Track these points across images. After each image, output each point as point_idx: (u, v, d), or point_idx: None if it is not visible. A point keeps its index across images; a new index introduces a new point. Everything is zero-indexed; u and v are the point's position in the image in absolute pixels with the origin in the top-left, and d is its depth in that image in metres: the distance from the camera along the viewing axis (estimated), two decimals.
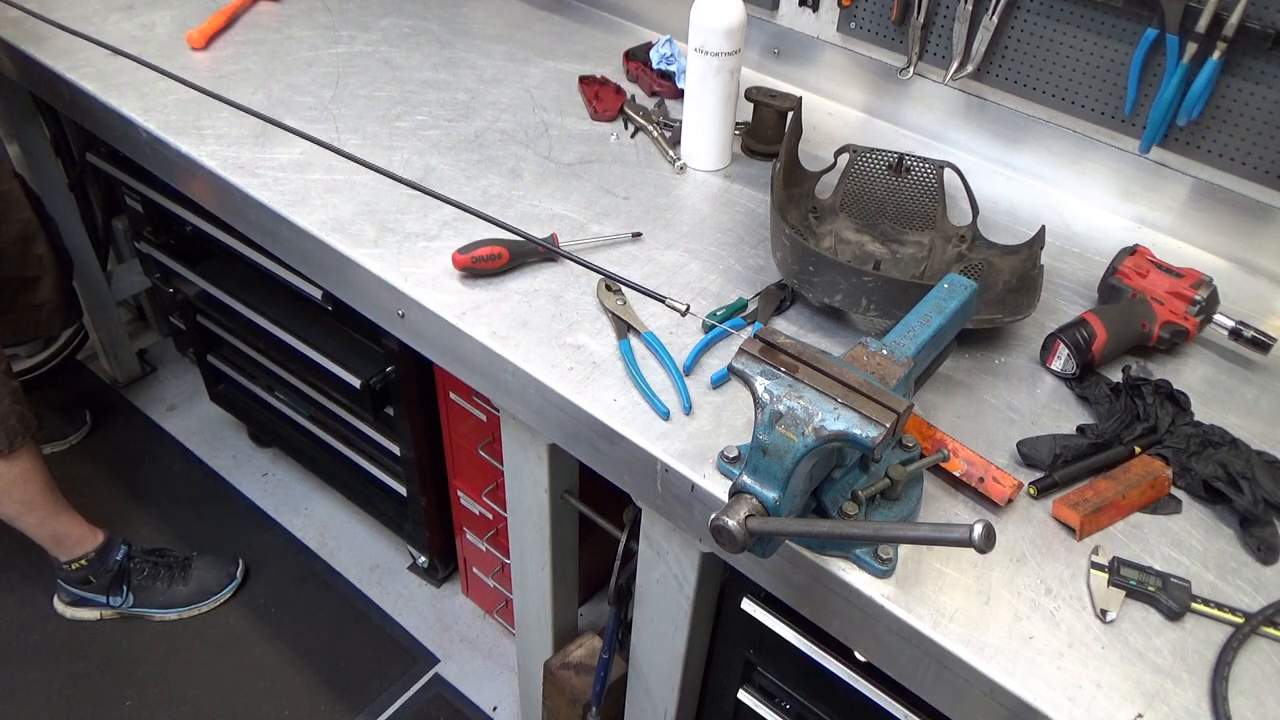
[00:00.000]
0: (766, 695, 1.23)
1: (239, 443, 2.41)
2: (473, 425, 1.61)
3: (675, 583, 1.17)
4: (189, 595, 2.01)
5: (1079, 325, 1.13)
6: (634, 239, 1.30)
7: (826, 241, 1.34)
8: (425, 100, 1.56)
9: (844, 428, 0.79)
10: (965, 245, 1.31)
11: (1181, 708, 0.83)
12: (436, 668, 1.98)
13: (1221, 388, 1.16)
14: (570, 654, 1.58)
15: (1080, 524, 0.95)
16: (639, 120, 1.53)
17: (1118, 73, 1.34)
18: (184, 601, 2.01)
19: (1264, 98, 1.24)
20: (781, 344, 0.86)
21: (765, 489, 0.82)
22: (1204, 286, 1.17)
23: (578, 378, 1.09)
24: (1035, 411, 1.10)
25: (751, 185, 1.44)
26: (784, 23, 1.64)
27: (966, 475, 0.98)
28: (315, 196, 1.33)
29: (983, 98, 1.48)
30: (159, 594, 2.00)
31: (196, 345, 2.13)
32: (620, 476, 1.09)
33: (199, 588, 2.02)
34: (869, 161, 1.38)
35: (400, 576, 2.13)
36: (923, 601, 0.89)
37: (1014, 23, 1.40)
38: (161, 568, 2.00)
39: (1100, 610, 0.89)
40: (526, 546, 1.45)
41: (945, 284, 1.02)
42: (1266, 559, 0.96)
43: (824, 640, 1.06)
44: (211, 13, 1.71)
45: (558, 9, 1.89)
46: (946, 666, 0.87)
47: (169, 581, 2.00)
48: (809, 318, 1.21)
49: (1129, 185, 1.40)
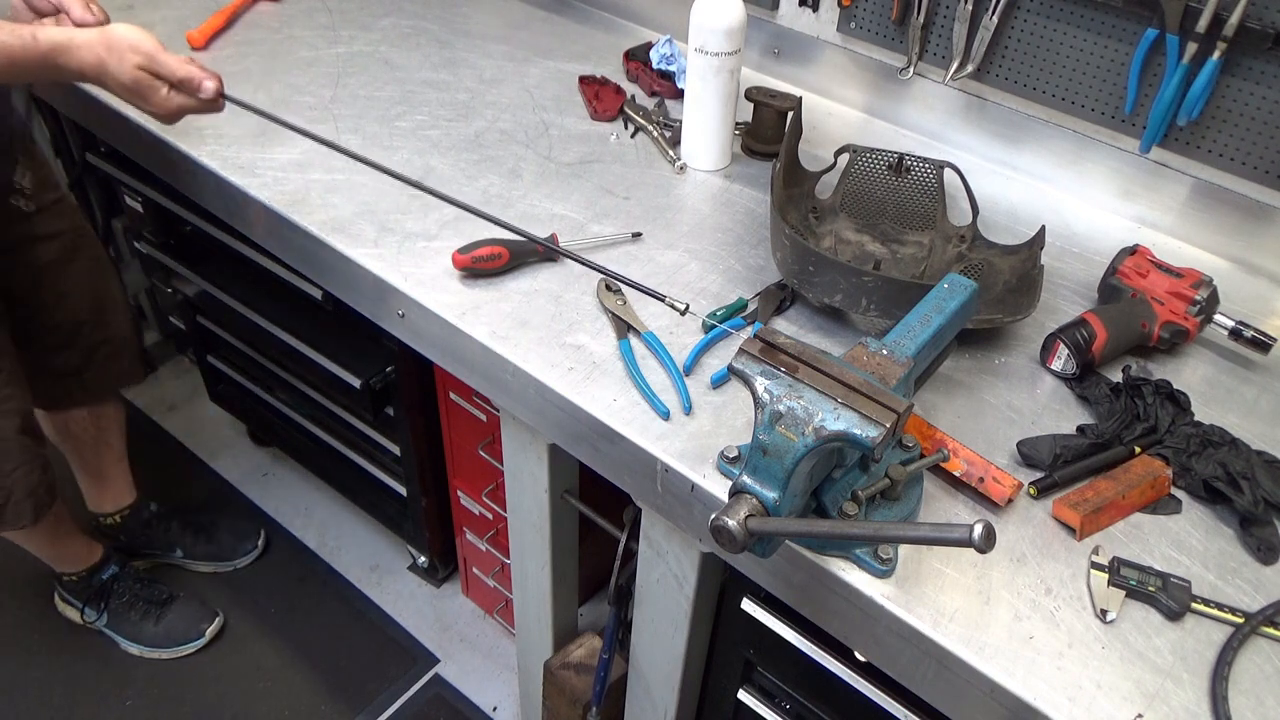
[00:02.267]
0: (766, 695, 1.23)
1: (239, 443, 2.40)
2: (473, 425, 1.61)
3: (675, 583, 1.17)
4: (154, 637, 1.95)
5: (1079, 325, 1.13)
6: (634, 239, 1.30)
7: (826, 241, 1.34)
8: (425, 100, 1.56)
9: (844, 428, 0.79)
10: (965, 245, 1.31)
11: (1181, 708, 0.83)
12: (436, 668, 1.98)
13: (1221, 388, 1.16)
14: (570, 654, 1.57)
15: (1080, 524, 0.95)
16: (639, 120, 1.53)
17: (1118, 73, 1.34)
18: (148, 641, 1.95)
19: (1264, 98, 1.24)
20: (781, 344, 0.86)
21: (765, 489, 0.82)
22: (1204, 286, 1.17)
23: (578, 378, 1.09)
24: (1035, 411, 1.10)
25: (751, 185, 1.44)
26: (784, 23, 1.64)
27: (966, 475, 0.98)
28: (315, 196, 1.33)
29: (983, 98, 1.48)
30: (129, 624, 1.96)
31: (196, 345, 2.13)
32: (620, 476, 1.09)
33: (166, 633, 1.96)
34: (869, 161, 1.38)
35: (400, 576, 2.13)
36: (923, 601, 0.89)
37: (1014, 23, 1.40)
38: (140, 599, 1.96)
39: (1100, 610, 0.89)
40: (526, 546, 1.44)
41: (945, 284, 1.02)
42: (1266, 559, 0.96)
43: (824, 640, 1.06)
44: (211, 13, 1.71)
45: (558, 9, 1.89)
46: (946, 666, 0.87)
47: (141, 615, 1.96)
48: (809, 318, 1.21)
49: (1129, 185, 1.40)
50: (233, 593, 2.08)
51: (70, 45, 1.11)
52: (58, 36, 1.10)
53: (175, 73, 1.14)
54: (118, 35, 1.12)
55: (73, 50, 1.11)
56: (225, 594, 2.08)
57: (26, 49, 1.09)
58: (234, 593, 2.08)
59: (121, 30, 1.13)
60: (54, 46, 1.10)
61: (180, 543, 2.08)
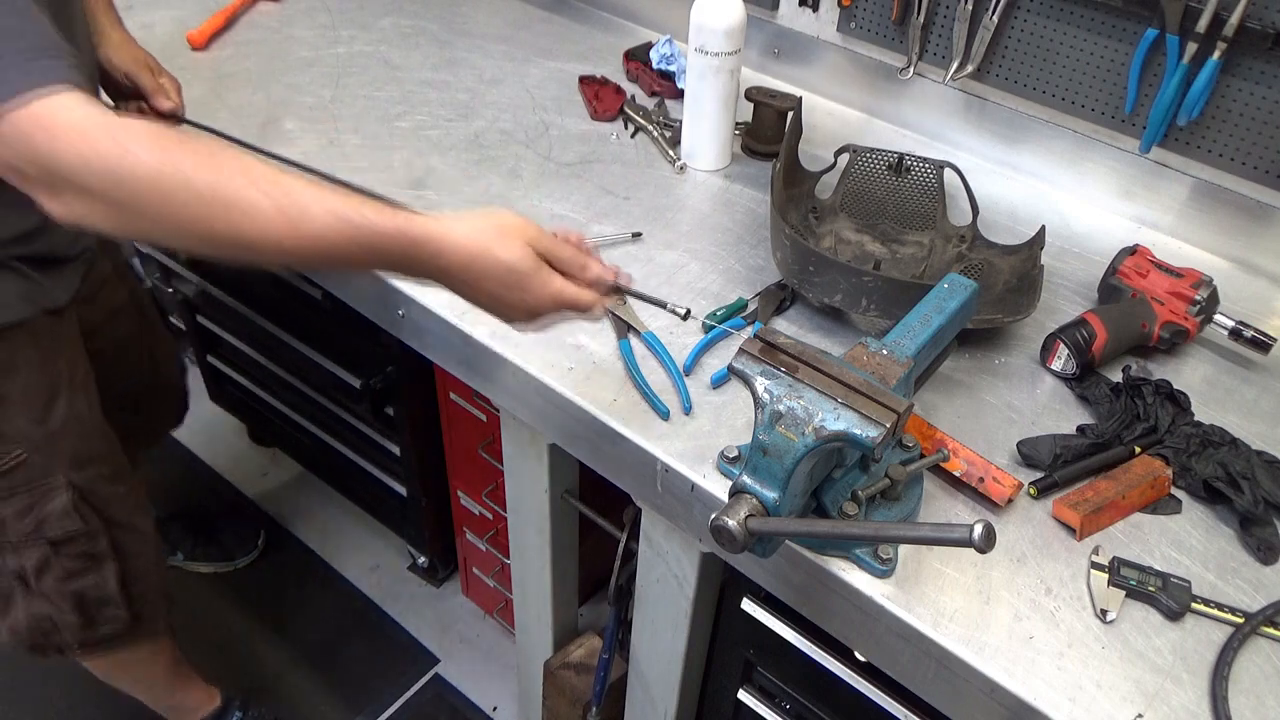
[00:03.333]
0: (766, 695, 1.23)
1: (239, 443, 2.40)
2: (473, 425, 1.61)
3: (675, 583, 1.17)
4: None
5: (1079, 325, 1.13)
6: (634, 239, 1.30)
7: (826, 241, 1.34)
8: (425, 100, 1.56)
9: (844, 428, 0.79)
10: (965, 245, 1.31)
11: (1181, 708, 0.83)
12: (436, 668, 1.98)
13: (1221, 388, 1.16)
14: (570, 654, 1.57)
15: (1080, 524, 0.95)
16: (639, 120, 1.53)
17: (1118, 73, 1.34)
18: None
19: (1264, 98, 1.24)
20: (781, 344, 0.86)
21: (765, 489, 0.82)
22: (1204, 286, 1.17)
23: (578, 378, 1.09)
24: (1035, 411, 1.10)
25: (751, 185, 1.44)
26: (784, 23, 1.64)
27: (966, 475, 0.98)
28: None
29: (983, 98, 1.48)
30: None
31: (196, 345, 2.12)
32: (620, 476, 1.09)
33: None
34: (869, 161, 1.38)
35: (400, 576, 2.13)
36: (923, 601, 0.89)
37: (1014, 23, 1.40)
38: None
39: (1100, 610, 0.89)
40: (526, 546, 1.44)
41: (945, 284, 1.02)
42: (1266, 559, 0.96)
43: (824, 640, 1.06)
44: (211, 13, 1.71)
45: (558, 9, 1.88)
46: (946, 666, 0.87)
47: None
48: (809, 318, 1.21)
49: (1129, 185, 1.40)
50: (233, 593, 2.08)
51: (448, 237, 0.85)
52: (430, 225, 0.84)
53: (561, 254, 0.91)
54: (506, 220, 0.89)
55: (449, 243, 0.85)
56: (225, 594, 2.08)
57: (395, 237, 0.83)
58: (234, 593, 2.08)
59: (505, 215, 0.89)
60: (428, 237, 0.84)
61: (181, 545, 2.08)
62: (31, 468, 1.18)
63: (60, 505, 1.21)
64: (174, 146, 0.77)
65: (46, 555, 1.24)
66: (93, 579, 1.30)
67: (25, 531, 1.21)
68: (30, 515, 1.20)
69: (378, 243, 0.82)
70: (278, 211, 0.78)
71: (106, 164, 0.75)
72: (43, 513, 1.21)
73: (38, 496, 1.20)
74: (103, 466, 1.28)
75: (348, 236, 0.81)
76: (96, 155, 0.75)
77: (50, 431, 1.19)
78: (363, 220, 0.81)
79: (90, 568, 1.29)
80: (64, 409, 1.19)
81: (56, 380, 1.19)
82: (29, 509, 1.20)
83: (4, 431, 1.15)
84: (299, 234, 0.79)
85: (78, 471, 1.23)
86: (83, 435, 1.24)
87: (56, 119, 0.76)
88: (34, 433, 1.17)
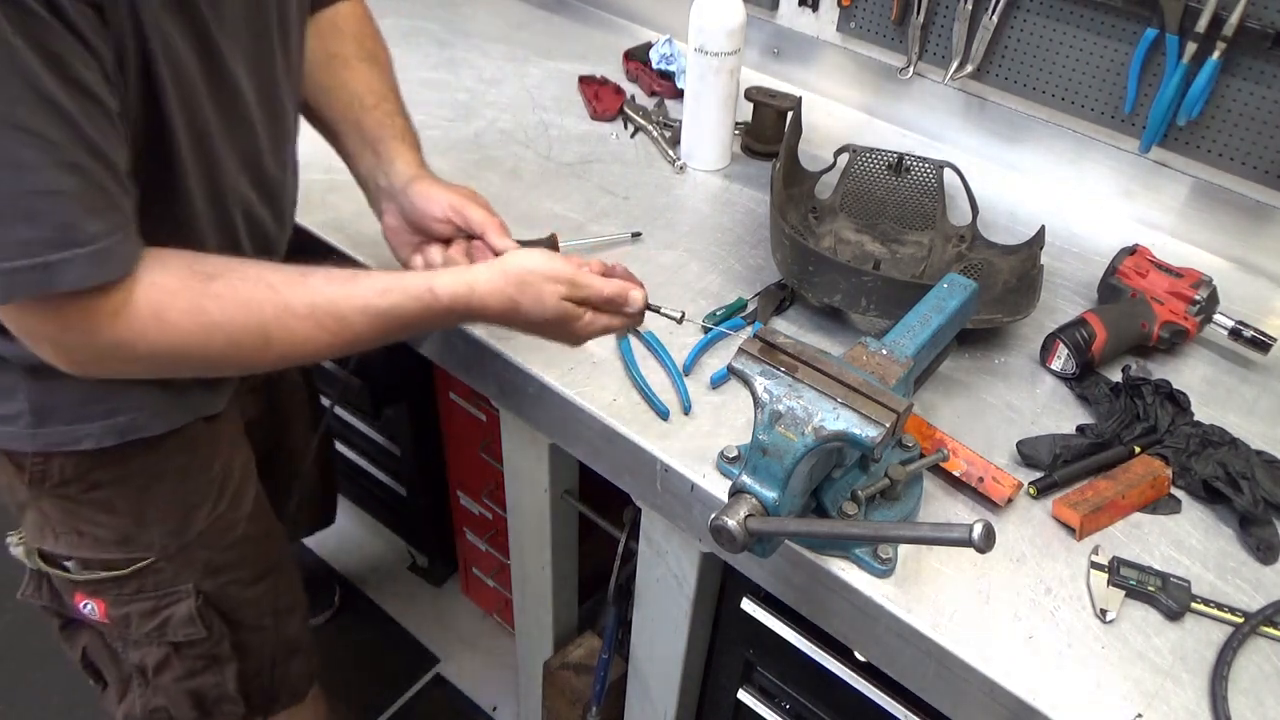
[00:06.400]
0: (766, 695, 1.23)
1: None
2: (473, 425, 1.61)
3: (675, 582, 1.17)
4: None
5: (1079, 325, 1.13)
6: (634, 239, 1.30)
7: (826, 241, 1.34)
8: (425, 100, 1.56)
9: (844, 427, 0.79)
10: (965, 245, 1.31)
11: (1181, 707, 0.83)
12: (436, 668, 1.98)
13: (1221, 388, 1.16)
14: (570, 654, 1.57)
15: (1080, 524, 0.95)
16: (639, 120, 1.53)
17: (1117, 72, 1.34)
18: None
19: (1264, 98, 1.24)
20: (781, 344, 0.86)
21: (765, 489, 0.82)
22: (1204, 286, 1.17)
23: (578, 378, 1.09)
24: (1035, 411, 1.10)
25: (751, 185, 1.44)
26: (784, 23, 1.64)
27: (966, 475, 0.98)
28: (315, 196, 1.33)
29: (983, 97, 1.48)
30: None
31: None
32: (620, 476, 1.09)
33: None
34: (869, 161, 1.38)
35: (400, 576, 2.13)
36: (923, 601, 0.89)
37: (1014, 22, 1.40)
38: None
39: (1100, 610, 0.89)
40: (526, 546, 1.45)
41: (945, 284, 1.02)
42: (1266, 559, 0.96)
43: (824, 640, 1.06)
44: None
45: (558, 9, 1.88)
46: (946, 666, 0.87)
47: None
48: (809, 318, 1.21)
49: (1129, 185, 1.40)
50: None
51: (473, 294, 0.90)
52: (455, 286, 0.89)
53: (602, 291, 0.94)
54: (525, 268, 0.91)
55: (475, 299, 0.90)
56: None
57: (428, 310, 0.89)
58: None
59: (525, 261, 0.92)
60: (455, 300, 0.89)
61: None
62: (160, 573, 1.13)
63: (185, 612, 1.16)
64: (212, 309, 0.82)
65: (167, 654, 1.20)
66: (212, 679, 1.25)
67: (148, 630, 1.17)
68: (155, 618, 1.16)
69: (412, 320, 0.90)
70: (319, 329, 0.86)
71: (153, 349, 0.81)
72: (167, 616, 1.16)
73: (165, 601, 1.15)
74: (241, 570, 1.21)
75: (382, 327, 0.89)
76: (144, 341, 0.80)
77: (184, 543, 1.13)
78: (391, 306, 0.88)
79: (210, 667, 1.24)
80: (204, 519, 1.13)
81: (206, 488, 1.12)
82: (154, 611, 1.16)
83: (139, 539, 1.10)
84: (341, 340, 0.88)
85: (210, 579, 1.17)
86: (222, 543, 1.17)
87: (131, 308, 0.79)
88: (169, 544, 1.11)
